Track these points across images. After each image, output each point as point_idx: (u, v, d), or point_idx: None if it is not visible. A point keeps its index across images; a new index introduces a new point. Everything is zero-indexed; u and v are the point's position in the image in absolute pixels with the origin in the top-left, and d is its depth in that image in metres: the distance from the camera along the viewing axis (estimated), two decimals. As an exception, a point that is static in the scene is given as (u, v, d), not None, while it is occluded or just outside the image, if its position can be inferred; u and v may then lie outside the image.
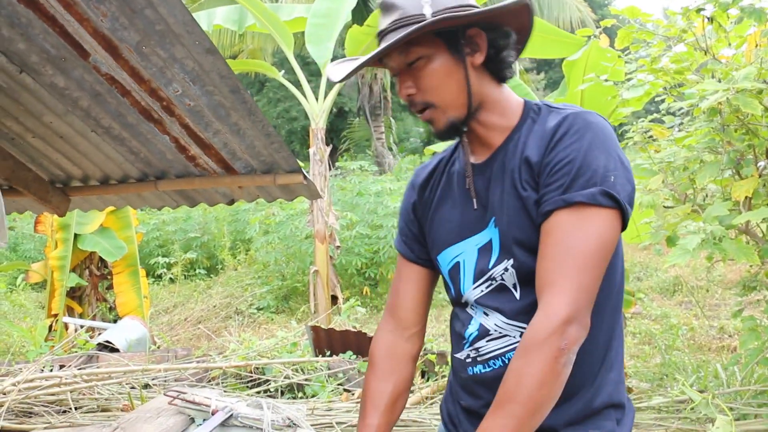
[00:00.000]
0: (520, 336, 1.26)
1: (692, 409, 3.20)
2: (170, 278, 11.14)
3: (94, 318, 7.67)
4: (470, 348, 1.34)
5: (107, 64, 2.21)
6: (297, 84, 7.66)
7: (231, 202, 3.20)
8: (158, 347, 6.79)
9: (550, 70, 24.62)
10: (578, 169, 1.17)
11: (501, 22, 1.30)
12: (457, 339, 1.40)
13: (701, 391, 3.54)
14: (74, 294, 7.70)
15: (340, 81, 1.32)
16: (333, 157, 16.40)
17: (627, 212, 1.19)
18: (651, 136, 3.63)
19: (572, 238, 1.16)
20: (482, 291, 1.32)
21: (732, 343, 6.18)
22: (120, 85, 2.33)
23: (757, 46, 2.95)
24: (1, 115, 2.58)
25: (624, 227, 1.21)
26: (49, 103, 2.50)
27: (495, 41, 1.30)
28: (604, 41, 4.49)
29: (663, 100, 3.48)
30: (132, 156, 2.86)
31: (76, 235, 7.30)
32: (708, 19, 2.97)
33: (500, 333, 1.30)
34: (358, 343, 5.33)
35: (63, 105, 2.50)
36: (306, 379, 4.73)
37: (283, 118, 22.18)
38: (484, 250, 1.31)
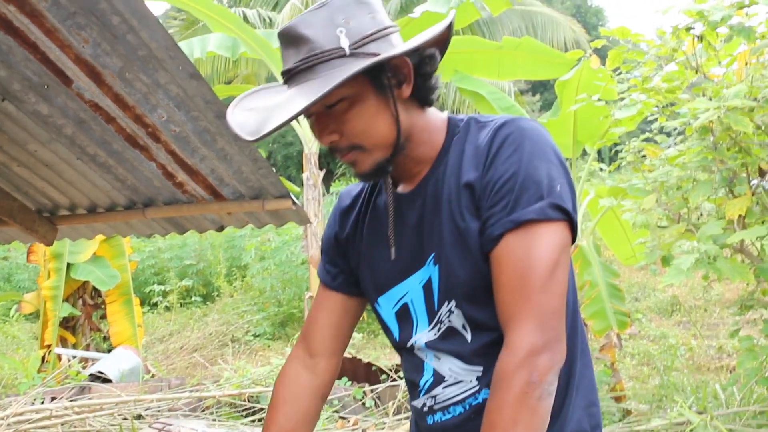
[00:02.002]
0: (477, 380, 1.19)
1: (692, 431, 3.15)
2: (166, 306, 11.06)
3: (87, 348, 7.59)
4: (426, 396, 1.26)
5: (90, 91, 2.19)
6: (290, 109, 7.66)
7: (220, 229, 3.16)
8: (152, 376, 6.71)
9: (545, 92, 24.75)
10: (522, 183, 1.08)
11: (428, 47, 1.18)
12: (412, 387, 1.31)
13: (700, 413, 3.50)
14: (68, 324, 7.63)
15: (255, 141, 1.11)
16: (328, 181, 16.41)
17: (576, 222, 1.12)
18: (644, 156, 3.62)
19: (526, 260, 1.07)
20: (435, 334, 1.23)
21: (731, 362, 6.13)
22: (104, 112, 2.30)
23: (747, 64, 2.95)
24: (-14, 145, 2.55)
25: (574, 236, 1.13)
26: (32, 131, 2.47)
27: (422, 67, 1.17)
28: (595, 62, 4.50)
29: (655, 120, 3.47)
30: (119, 183, 2.83)
31: (69, 265, 7.25)
32: (698, 37, 2.97)
33: (456, 379, 1.21)
34: (353, 370, 5.27)
35: (47, 133, 2.47)
36: (301, 407, 4.66)
37: (279, 143, 22.23)
38: (427, 289, 1.22)
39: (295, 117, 1.07)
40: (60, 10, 1.80)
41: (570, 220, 1.11)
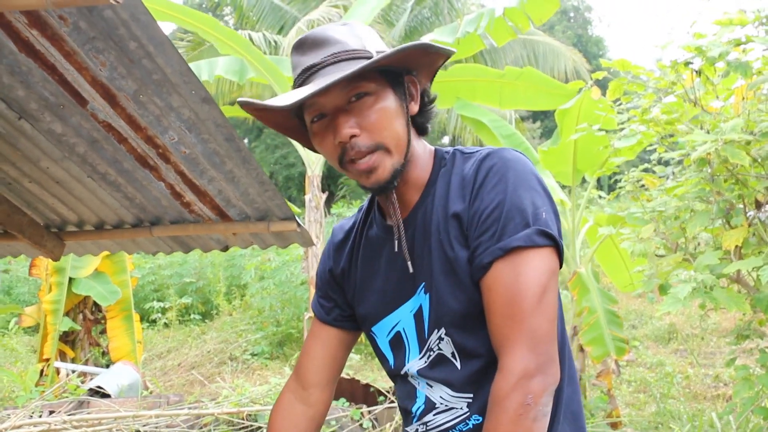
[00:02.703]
0: (467, 406, 1.22)
1: (687, 460, 3.17)
2: (165, 323, 11.06)
3: (86, 363, 7.59)
4: (418, 422, 1.29)
5: (105, 112, 2.25)
6: (294, 130, 7.74)
7: (225, 249, 3.21)
8: (150, 393, 6.71)
9: (546, 119, 24.90)
10: (507, 211, 1.12)
11: (423, 75, 1.24)
12: (405, 413, 1.34)
13: (696, 442, 3.51)
14: (67, 338, 7.64)
15: (287, 107, 1.11)
16: (329, 203, 16.46)
17: (562, 247, 1.16)
18: (643, 186, 3.67)
19: (516, 286, 1.10)
20: (425, 362, 1.26)
21: (727, 391, 6.13)
22: (117, 132, 2.36)
23: (743, 98, 3.01)
24: (-1, 161, 2.61)
25: (561, 261, 1.16)
26: (46, 148, 2.53)
27: (426, 92, 1.25)
28: (595, 93, 4.58)
29: (654, 150, 3.53)
30: (127, 202, 2.88)
31: (70, 279, 7.28)
32: (696, 72, 3.04)
33: (447, 406, 1.24)
34: (351, 390, 5.28)
35: (60, 151, 2.53)
36: (298, 427, 4.67)
37: (280, 164, 22.34)
38: (418, 318, 1.25)
39: (324, 90, 1.08)
40: (80, 35, 1.87)
41: (556, 246, 1.14)
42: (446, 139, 22.55)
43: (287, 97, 1.12)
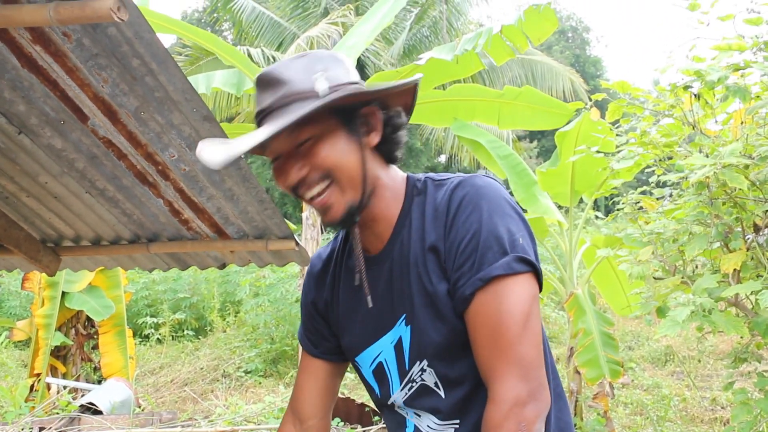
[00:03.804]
0: None
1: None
2: (158, 338, 11.00)
3: (78, 378, 7.53)
4: None
5: (105, 128, 2.24)
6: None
7: (223, 266, 3.20)
8: (143, 410, 6.65)
9: (543, 138, 25.03)
10: (484, 241, 1.12)
11: (393, 101, 1.23)
12: None
13: (694, 467, 3.49)
14: (59, 353, 7.58)
15: (220, 168, 1.12)
16: (325, 219, 16.41)
17: (540, 271, 1.16)
18: (641, 208, 3.67)
19: (499, 316, 1.10)
20: (406, 393, 1.26)
21: (725, 415, 6.11)
22: (117, 149, 2.36)
23: (742, 123, 3.03)
24: (-3, 175, 2.60)
25: (540, 286, 1.16)
26: (45, 163, 2.52)
27: (390, 120, 1.22)
28: (594, 114, 4.59)
29: (653, 172, 3.54)
30: (125, 218, 2.88)
31: (63, 293, 7.23)
32: (695, 95, 3.05)
33: None
34: (346, 410, 5.25)
35: (59, 166, 2.53)
36: (292, 447, 4.63)
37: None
38: (398, 349, 1.25)
39: (264, 140, 1.07)
40: (83, 51, 1.87)
41: (535, 270, 1.14)
42: (443, 158, 22.60)
43: (227, 150, 1.11)
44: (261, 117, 1.16)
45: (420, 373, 1.23)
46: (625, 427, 6.04)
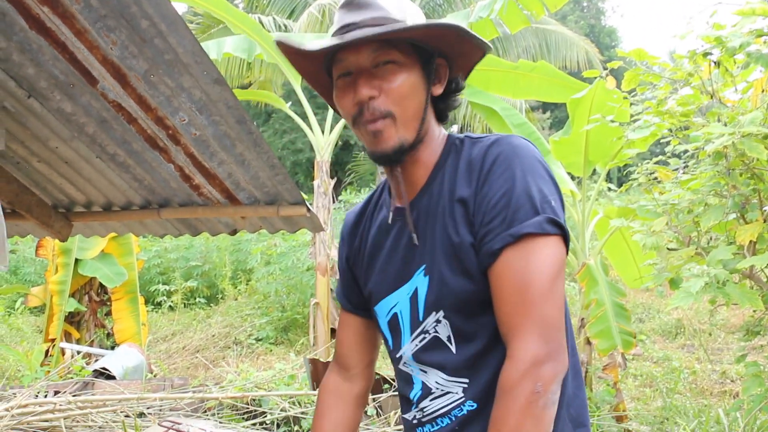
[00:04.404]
0: (463, 391, 1.21)
1: (694, 455, 3.15)
2: (170, 306, 11.09)
3: (91, 344, 7.61)
4: (416, 409, 1.29)
5: (115, 92, 2.22)
6: (303, 116, 7.71)
7: (233, 233, 3.19)
8: (155, 375, 6.73)
9: (556, 110, 24.78)
10: (517, 199, 1.11)
11: (459, 63, 1.26)
12: (404, 401, 1.35)
13: (703, 438, 3.49)
14: (73, 319, 7.65)
15: (313, 53, 1.16)
16: (337, 189, 16.44)
17: (569, 236, 1.15)
18: (656, 178, 3.63)
19: (525, 274, 1.09)
20: (416, 345, 1.26)
21: (734, 388, 6.10)
22: (126, 113, 2.34)
23: (763, 91, 2.96)
24: (8, 139, 2.59)
25: (567, 251, 1.16)
26: (55, 128, 2.51)
27: (455, 79, 1.26)
28: (611, 83, 4.52)
29: (668, 142, 3.48)
30: (136, 183, 2.87)
31: (77, 260, 7.28)
32: (715, 63, 2.99)
33: (442, 390, 1.24)
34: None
35: (69, 130, 2.51)
36: (303, 413, 4.67)
37: (288, 149, 22.30)
38: (414, 300, 1.25)
39: (355, 44, 1.12)
40: (91, 12, 1.84)
41: (564, 235, 1.14)
42: (455, 128, 22.46)
43: (317, 43, 1.15)
44: (346, 30, 1.17)
45: (435, 324, 1.22)
46: (634, 398, 6.06)
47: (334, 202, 8.44)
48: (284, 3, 13.58)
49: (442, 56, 1.23)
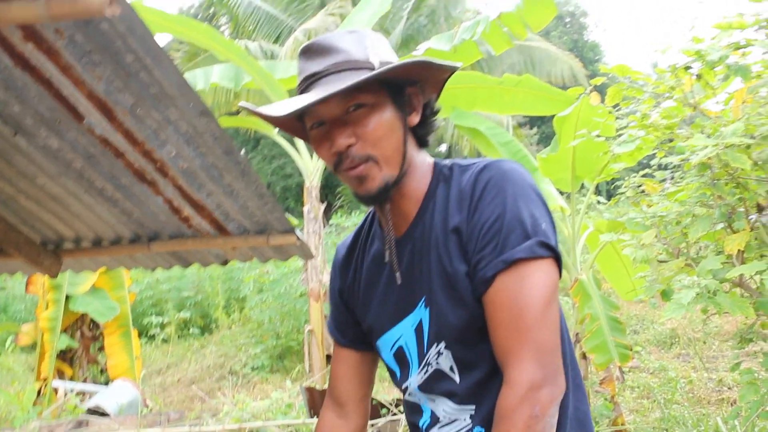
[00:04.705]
0: (470, 418, 1.22)
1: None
2: (163, 338, 11.01)
3: (85, 380, 7.54)
4: None
5: (101, 127, 2.22)
6: (291, 141, 7.75)
7: (224, 263, 3.18)
8: (150, 410, 6.66)
9: (543, 125, 24.94)
10: (508, 224, 1.12)
11: (429, 87, 1.25)
12: (413, 428, 1.35)
13: (704, 449, 3.48)
14: (65, 356, 7.59)
15: (284, 116, 1.14)
16: (327, 213, 16.42)
17: (561, 257, 1.16)
18: (643, 191, 3.65)
19: (519, 299, 1.10)
20: (422, 377, 1.26)
21: (731, 395, 6.10)
22: (114, 147, 2.34)
23: (743, 102, 3.00)
24: (-5, 178, 2.58)
25: (560, 272, 1.16)
26: (42, 164, 2.50)
27: (429, 103, 1.26)
28: (595, 98, 4.56)
29: (654, 155, 3.51)
30: (125, 217, 2.86)
31: (67, 296, 7.24)
32: (696, 76, 3.02)
33: (450, 418, 1.25)
34: (353, 403, 5.24)
35: (56, 167, 2.50)
36: (301, 441, 4.64)
37: (277, 175, 22.30)
38: (419, 332, 1.25)
39: (321, 101, 1.10)
40: (76, 48, 1.84)
41: (556, 257, 1.15)
42: (443, 147, 22.55)
43: (285, 105, 1.13)
44: (311, 81, 1.17)
45: (436, 356, 1.22)
46: (632, 410, 6.04)
47: (325, 226, 8.43)
48: (270, 28, 13.69)
49: (412, 84, 1.23)
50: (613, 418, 4.96)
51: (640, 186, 3.62)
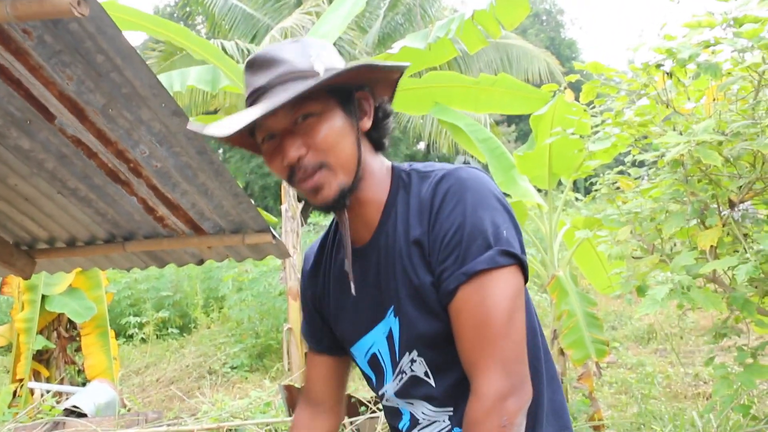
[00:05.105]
0: (449, 419, 1.22)
1: (670, 460, 3.18)
2: (142, 338, 10.93)
3: (62, 381, 7.45)
4: None
5: (73, 127, 2.20)
6: (269, 140, 7.72)
7: (200, 262, 3.17)
8: (128, 410, 6.61)
9: (521, 123, 25.06)
10: (468, 234, 1.11)
11: (380, 90, 1.24)
12: (393, 431, 1.35)
13: (678, 442, 3.52)
14: (41, 357, 7.49)
15: (227, 137, 1.11)
16: (306, 212, 16.39)
17: (525, 262, 1.15)
18: (618, 188, 3.69)
19: (482, 309, 1.09)
20: (397, 384, 1.26)
21: (707, 390, 6.18)
22: (86, 147, 2.32)
23: (714, 99, 3.04)
24: (-35, 179, 2.55)
25: (526, 277, 1.16)
26: (13, 165, 2.47)
27: (381, 106, 1.23)
28: (569, 96, 4.60)
29: (629, 152, 3.55)
30: (99, 217, 2.83)
31: (43, 296, 7.15)
32: (668, 74, 3.05)
33: (429, 420, 1.25)
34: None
35: (28, 167, 2.48)
36: (280, 441, 4.63)
37: (256, 173, 22.22)
38: (390, 340, 1.25)
39: (268, 114, 1.08)
40: (45, 49, 1.83)
41: (520, 263, 1.14)
42: (422, 145, 22.59)
43: (231, 123, 1.10)
44: (257, 95, 1.14)
45: (410, 364, 1.23)
46: (610, 406, 6.10)
47: (303, 225, 8.41)
48: (246, 27, 13.62)
49: (361, 88, 1.20)
50: (590, 413, 5.01)
51: (615, 183, 3.66)
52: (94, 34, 1.72)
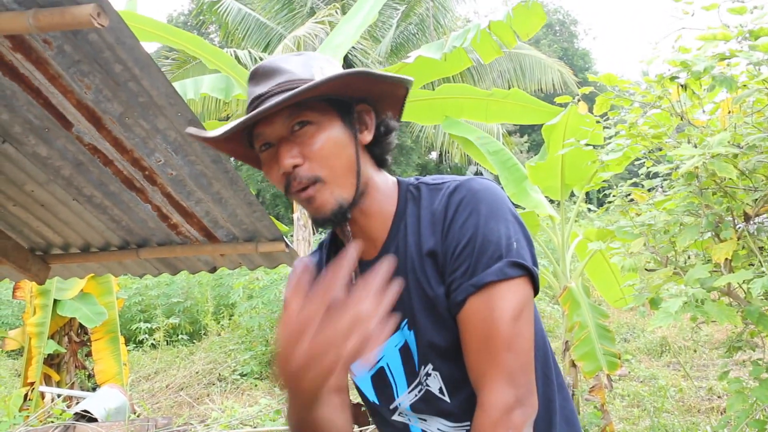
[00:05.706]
0: None
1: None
2: (152, 344, 10.96)
3: (72, 386, 7.48)
4: None
5: (90, 135, 2.22)
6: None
7: (213, 270, 3.18)
8: (138, 416, 6.62)
9: (533, 133, 25.06)
10: (480, 246, 1.10)
11: (384, 106, 1.22)
12: None
13: (691, 457, 3.49)
14: (52, 361, 7.53)
15: (218, 137, 1.11)
16: (318, 219, 16.36)
17: (536, 274, 1.14)
18: (632, 200, 3.67)
19: (490, 321, 1.09)
20: (415, 396, 1.24)
21: (721, 404, 6.12)
22: (102, 155, 2.34)
23: (729, 112, 3.03)
24: (-17, 185, 2.57)
25: (536, 288, 1.15)
26: (31, 172, 2.50)
27: (384, 121, 1.22)
28: (583, 108, 4.59)
29: (643, 164, 3.53)
30: (113, 224, 2.85)
31: (55, 301, 7.19)
32: (682, 86, 3.04)
33: None
34: (342, 410, 5.22)
35: (45, 174, 2.50)
36: (289, 449, 4.62)
37: (267, 182, 22.22)
38: (405, 352, 1.23)
39: (260, 116, 1.07)
40: (65, 58, 1.85)
41: (530, 274, 1.13)
42: (434, 155, 22.60)
43: (224, 127, 1.10)
44: (257, 103, 1.13)
45: (426, 377, 1.22)
46: (622, 419, 6.05)
47: (314, 233, 8.42)
48: (259, 36, 13.69)
49: (362, 101, 1.19)
50: (602, 426, 4.97)
51: (628, 195, 3.65)
52: (112, 44, 1.74)
